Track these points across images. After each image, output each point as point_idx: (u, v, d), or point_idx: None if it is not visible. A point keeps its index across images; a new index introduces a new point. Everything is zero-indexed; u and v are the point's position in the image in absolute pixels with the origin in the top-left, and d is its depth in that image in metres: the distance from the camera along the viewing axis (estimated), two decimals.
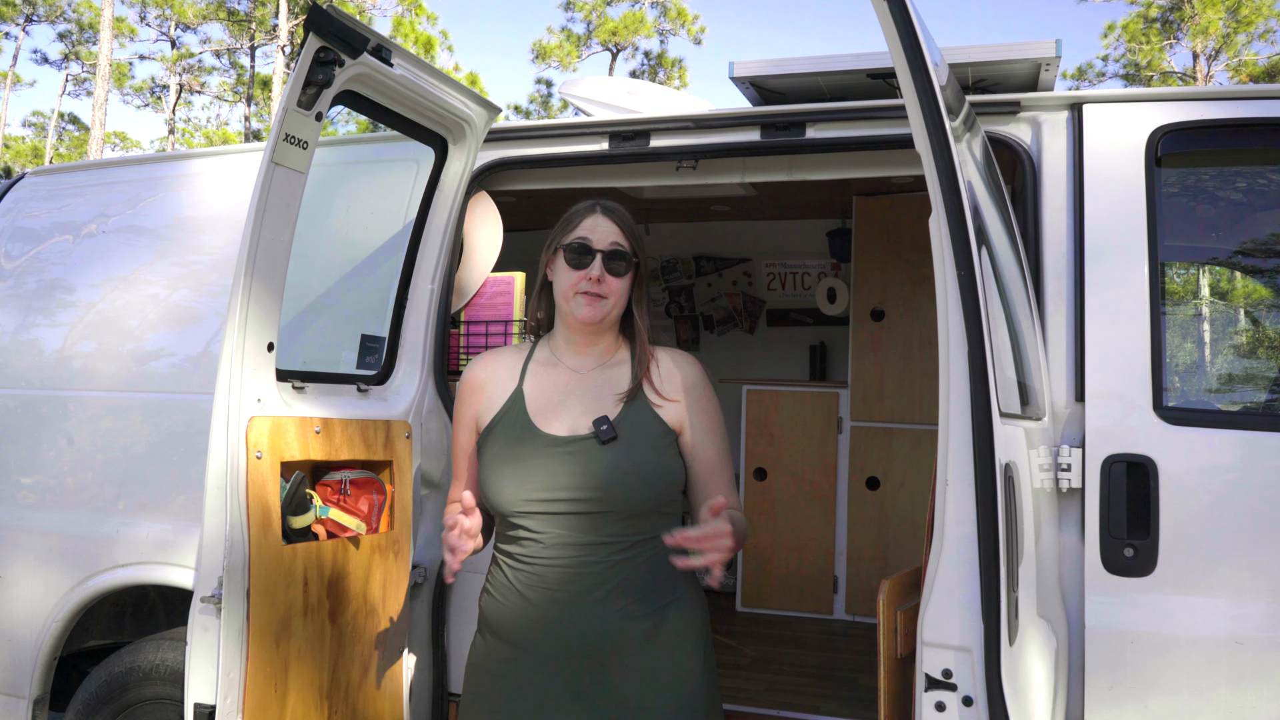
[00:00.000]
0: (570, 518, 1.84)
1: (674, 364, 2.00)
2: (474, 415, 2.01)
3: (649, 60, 29.57)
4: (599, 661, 1.83)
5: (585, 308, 1.92)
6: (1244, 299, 2.77)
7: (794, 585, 4.74)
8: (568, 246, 1.94)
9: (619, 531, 1.84)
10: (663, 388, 1.96)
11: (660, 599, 1.87)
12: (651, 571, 1.86)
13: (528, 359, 2.03)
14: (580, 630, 1.83)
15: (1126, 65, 25.80)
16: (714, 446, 1.96)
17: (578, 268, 1.92)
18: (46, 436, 3.11)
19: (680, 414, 1.95)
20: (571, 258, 1.93)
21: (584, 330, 1.96)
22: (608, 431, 1.86)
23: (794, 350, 5.96)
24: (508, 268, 3.06)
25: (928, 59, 1.72)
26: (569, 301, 1.94)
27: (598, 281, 1.91)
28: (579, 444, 1.88)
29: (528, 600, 1.87)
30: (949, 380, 1.80)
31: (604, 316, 1.94)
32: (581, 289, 1.92)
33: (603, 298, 1.92)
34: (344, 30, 2.17)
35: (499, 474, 1.89)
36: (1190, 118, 2.29)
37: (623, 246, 1.94)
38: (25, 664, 2.99)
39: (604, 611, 1.83)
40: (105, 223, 3.33)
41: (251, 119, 32.30)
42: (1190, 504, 2.07)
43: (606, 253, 1.92)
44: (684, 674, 1.88)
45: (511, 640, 1.89)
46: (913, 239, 4.52)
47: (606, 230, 1.94)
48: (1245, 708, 1.99)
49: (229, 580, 2.11)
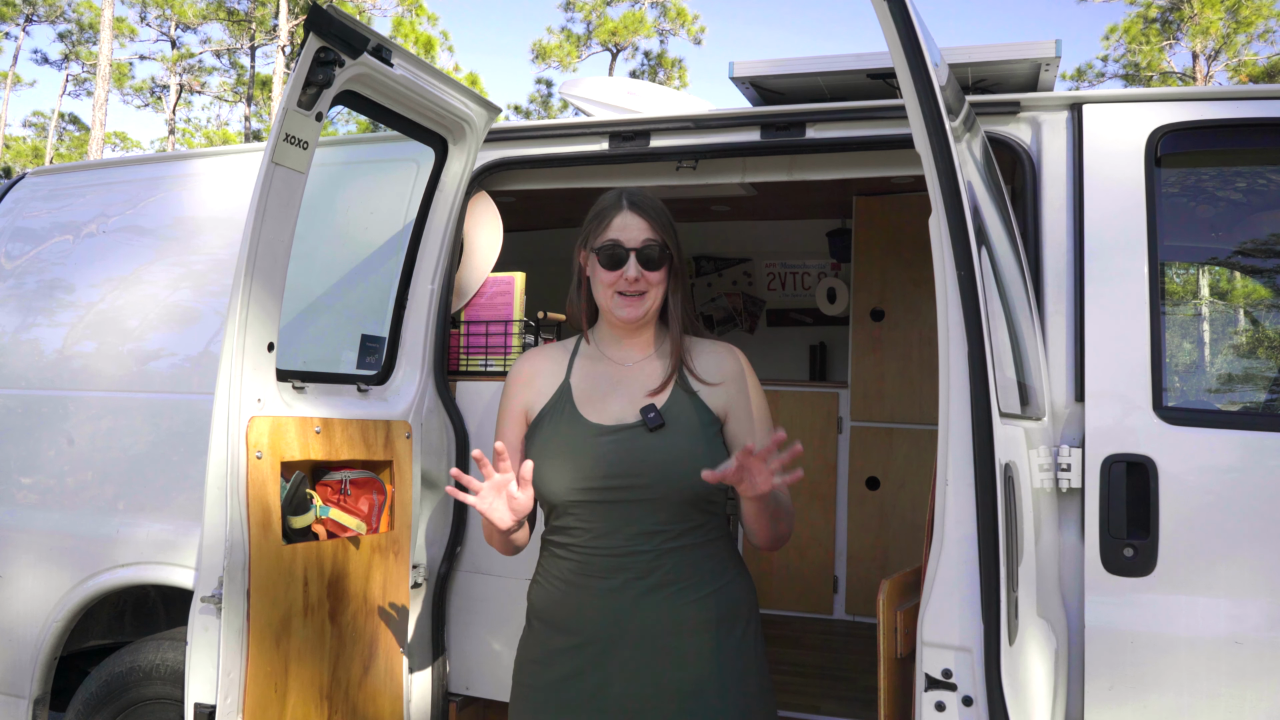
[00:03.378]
0: (619, 505, 1.87)
1: (717, 353, 2.02)
2: (523, 407, 2.03)
3: (649, 60, 29.59)
4: (650, 648, 1.86)
5: (624, 309, 1.95)
6: (1244, 299, 2.77)
7: (794, 585, 4.74)
8: (600, 250, 1.96)
9: (668, 519, 1.87)
10: (707, 376, 1.98)
11: (709, 585, 1.89)
12: (701, 558, 1.89)
13: (573, 354, 2.06)
14: (631, 617, 1.86)
15: (1126, 66, 25.81)
16: (754, 430, 1.97)
17: (613, 269, 1.94)
18: (47, 436, 3.11)
19: (724, 402, 1.97)
20: (605, 260, 1.95)
21: (626, 327, 1.99)
22: (655, 419, 1.89)
23: (794, 350, 5.96)
24: (508, 268, 3.06)
25: (928, 59, 1.72)
26: (609, 303, 1.97)
27: (634, 281, 1.93)
28: (627, 431, 1.90)
29: (579, 588, 1.90)
30: (949, 380, 1.80)
31: (645, 313, 1.97)
32: (619, 289, 1.95)
33: (641, 295, 1.95)
34: (344, 30, 2.17)
35: (548, 464, 1.91)
36: (1190, 118, 2.29)
37: (654, 240, 1.95)
38: (25, 664, 2.99)
39: (655, 598, 1.86)
40: (105, 223, 3.33)
41: (251, 119, 32.31)
42: (1190, 504, 2.07)
43: (639, 250, 1.94)
44: (735, 658, 1.91)
45: (563, 629, 1.92)
46: (913, 239, 4.53)
47: (637, 227, 1.95)
48: (1245, 707, 1.99)
49: (229, 580, 2.11)
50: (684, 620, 1.87)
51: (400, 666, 2.64)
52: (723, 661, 1.89)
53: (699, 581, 1.89)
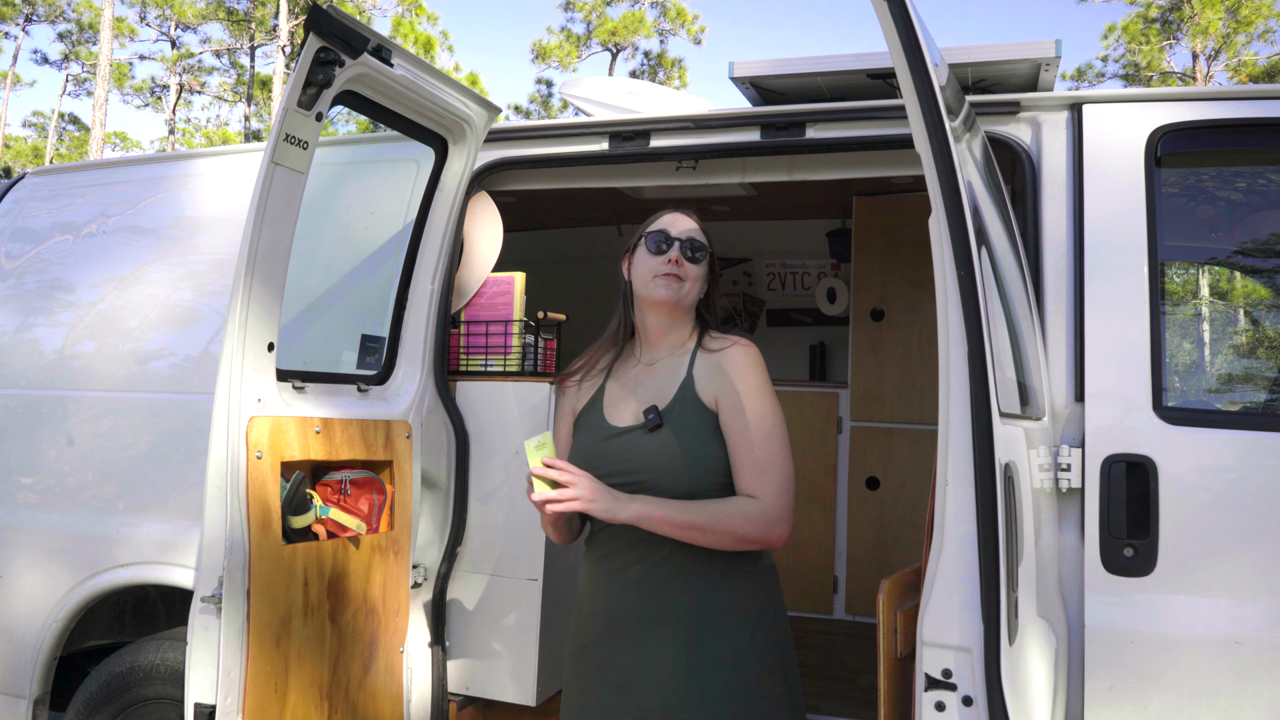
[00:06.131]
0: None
1: (724, 348, 2.07)
2: (571, 407, 2.20)
3: (649, 60, 29.58)
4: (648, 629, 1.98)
5: (664, 288, 2.04)
6: (1244, 299, 2.77)
7: (794, 585, 4.74)
8: (648, 236, 2.10)
9: None
10: (709, 370, 2.05)
11: (715, 572, 1.97)
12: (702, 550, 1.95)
13: (615, 357, 2.19)
14: (633, 598, 1.99)
15: (1126, 66, 25.79)
16: (738, 424, 1.97)
17: (658, 254, 2.07)
18: (47, 436, 3.11)
19: (714, 393, 2.02)
20: (652, 245, 2.08)
21: (661, 313, 2.08)
22: (653, 420, 1.99)
23: (794, 350, 5.95)
24: (508, 268, 3.06)
25: (928, 59, 1.72)
26: (648, 286, 2.07)
27: (677, 263, 2.05)
28: (631, 433, 2.03)
29: (596, 570, 2.08)
30: (949, 380, 1.80)
31: (682, 297, 2.06)
32: (661, 271, 2.05)
33: (680, 279, 2.05)
34: (344, 30, 2.17)
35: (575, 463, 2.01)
36: (1190, 118, 2.29)
37: (699, 238, 2.11)
38: (25, 664, 2.99)
39: (652, 582, 1.98)
40: (105, 223, 3.33)
41: (251, 119, 32.30)
42: (1190, 504, 2.07)
43: (684, 240, 2.08)
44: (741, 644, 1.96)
45: (586, 604, 2.10)
46: (913, 239, 4.52)
47: (685, 223, 2.12)
48: (1245, 707, 1.99)
49: (229, 580, 2.11)
50: (683, 605, 1.96)
51: (400, 666, 2.64)
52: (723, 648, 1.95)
53: (701, 569, 1.97)
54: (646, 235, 2.10)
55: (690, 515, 1.90)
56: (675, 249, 2.07)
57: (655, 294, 2.05)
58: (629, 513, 1.89)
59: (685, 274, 2.05)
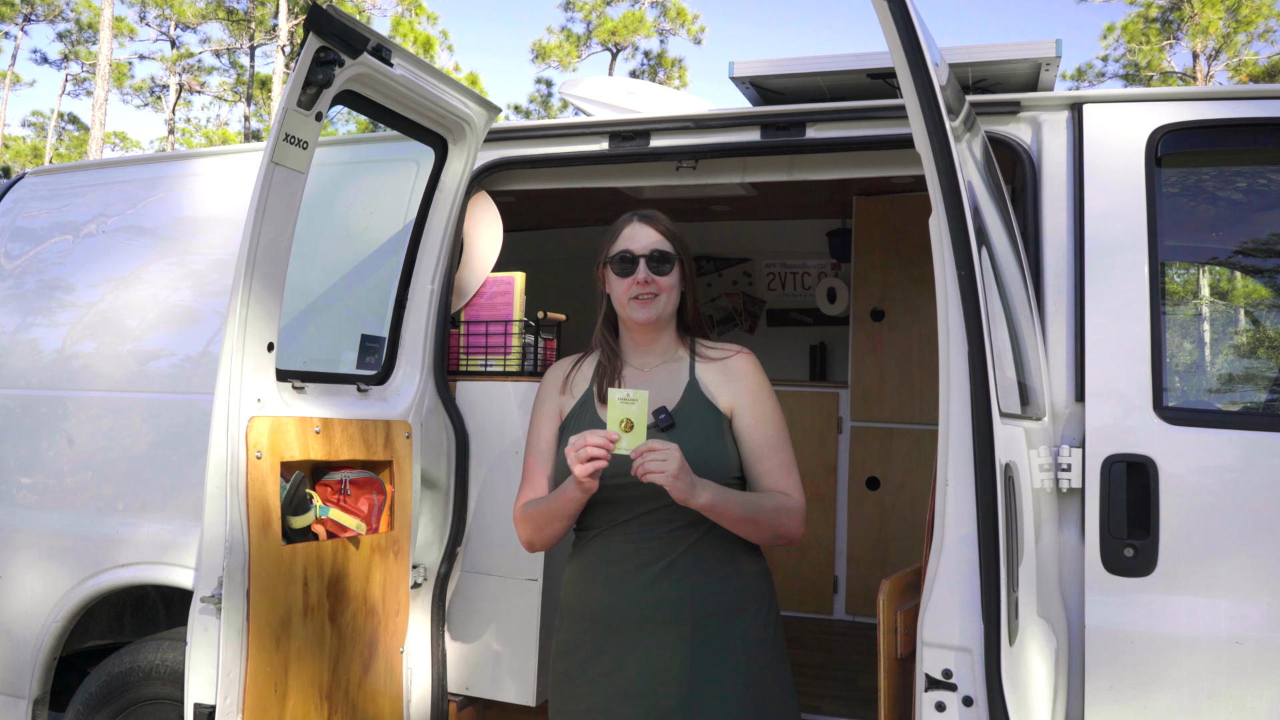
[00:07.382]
0: (632, 499, 1.99)
1: (726, 354, 2.13)
2: (557, 409, 2.18)
3: (649, 60, 29.57)
4: (659, 631, 1.96)
5: (640, 310, 2.07)
6: (1244, 299, 2.77)
7: (794, 585, 4.74)
8: (612, 259, 2.11)
9: (676, 510, 1.95)
10: (717, 376, 2.10)
11: (716, 572, 1.99)
12: (709, 547, 1.99)
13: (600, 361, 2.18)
14: (641, 601, 1.98)
15: (1126, 65, 25.79)
16: (762, 429, 2.05)
17: (625, 275, 2.08)
18: (47, 436, 3.11)
19: (730, 399, 2.07)
20: (617, 267, 2.09)
21: (643, 330, 2.11)
22: (666, 419, 2.01)
23: (794, 350, 5.95)
24: (508, 268, 3.06)
25: (928, 59, 1.72)
26: (625, 308, 2.09)
27: (645, 284, 2.06)
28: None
29: (595, 574, 2.04)
30: (949, 380, 1.80)
31: (659, 314, 2.08)
32: (632, 294, 2.07)
33: (654, 296, 2.07)
34: (344, 30, 2.17)
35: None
36: (1190, 118, 2.29)
37: (662, 248, 2.09)
38: (25, 664, 2.99)
39: (663, 583, 1.97)
40: (105, 223, 3.33)
41: (251, 119, 32.30)
42: (1190, 504, 2.07)
43: (648, 256, 2.07)
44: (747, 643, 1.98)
45: (583, 614, 2.05)
46: (913, 239, 4.52)
47: (645, 236, 2.10)
48: (1245, 707, 1.99)
49: (229, 580, 2.11)
50: (690, 605, 1.97)
51: (400, 666, 2.64)
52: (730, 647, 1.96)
53: (706, 569, 1.98)
54: (610, 258, 2.11)
55: (749, 510, 1.96)
56: (641, 268, 2.07)
57: (634, 316, 2.08)
58: (703, 499, 1.86)
59: (658, 288, 2.07)
